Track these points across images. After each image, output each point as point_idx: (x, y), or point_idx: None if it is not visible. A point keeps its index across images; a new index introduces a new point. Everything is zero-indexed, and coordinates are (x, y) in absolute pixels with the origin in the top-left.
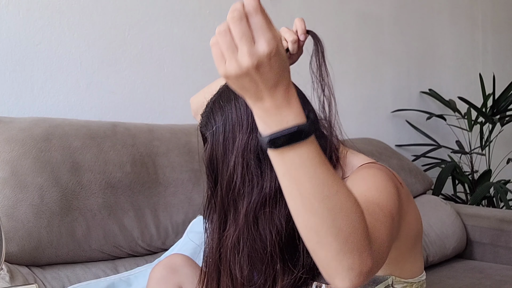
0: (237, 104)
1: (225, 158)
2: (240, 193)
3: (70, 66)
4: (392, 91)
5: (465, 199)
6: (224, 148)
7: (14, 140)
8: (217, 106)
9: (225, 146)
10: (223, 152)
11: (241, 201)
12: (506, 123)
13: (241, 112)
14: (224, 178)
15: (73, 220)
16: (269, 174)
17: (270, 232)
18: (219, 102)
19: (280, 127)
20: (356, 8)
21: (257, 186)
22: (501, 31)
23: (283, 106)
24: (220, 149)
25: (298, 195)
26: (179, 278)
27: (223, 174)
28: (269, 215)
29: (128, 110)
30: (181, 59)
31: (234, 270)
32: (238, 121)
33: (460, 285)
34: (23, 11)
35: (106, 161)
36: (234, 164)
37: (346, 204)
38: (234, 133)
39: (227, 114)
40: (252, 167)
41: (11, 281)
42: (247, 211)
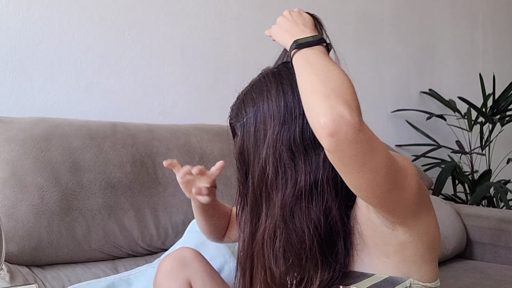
0: (269, 95)
1: (256, 150)
2: (273, 185)
3: (70, 66)
4: (392, 91)
5: (465, 199)
6: (255, 140)
7: (14, 140)
8: (248, 97)
9: (256, 137)
10: (254, 143)
11: (275, 194)
12: (506, 123)
13: (272, 103)
14: (256, 170)
15: (73, 220)
16: (303, 167)
17: (307, 226)
18: (251, 94)
19: (303, 36)
20: (356, 8)
21: (291, 179)
22: (501, 31)
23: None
24: (251, 141)
25: (310, 73)
26: (188, 271)
27: (254, 166)
28: (306, 209)
29: (128, 110)
30: (181, 59)
31: (270, 264)
32: (270, 113)
33: (460, 285)
34: (23, 11)
35: (106, 161)
36: (266, 155)
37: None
38: (265, 125)
39: (259, 105)
40: (284, 159)
41: (11, 281)
42: (283, 204)
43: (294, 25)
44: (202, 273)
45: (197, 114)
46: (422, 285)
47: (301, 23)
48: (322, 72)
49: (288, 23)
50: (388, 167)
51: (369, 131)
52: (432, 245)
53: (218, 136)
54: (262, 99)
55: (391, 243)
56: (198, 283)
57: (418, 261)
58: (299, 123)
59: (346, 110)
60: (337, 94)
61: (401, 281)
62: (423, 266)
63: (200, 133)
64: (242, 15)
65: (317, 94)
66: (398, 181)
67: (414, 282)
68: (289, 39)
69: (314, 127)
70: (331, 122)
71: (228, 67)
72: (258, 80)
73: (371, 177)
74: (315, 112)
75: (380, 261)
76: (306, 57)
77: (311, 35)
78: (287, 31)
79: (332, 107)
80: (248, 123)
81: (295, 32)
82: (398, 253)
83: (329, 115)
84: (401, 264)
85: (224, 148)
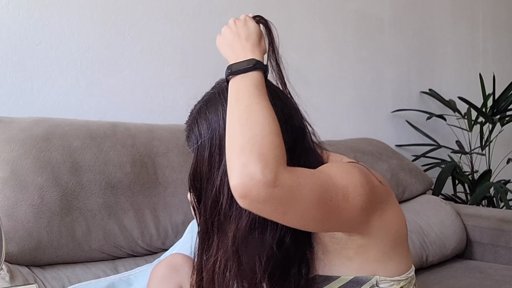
0: (225, 117)
1: (210, 176)
2: (227, 216)
3: (70, 66)
4: (392, 91)
5: (465, 199)
6: (209, 165)
7: (14, 140)
8: (202, 116)
9: (211, 162)
10: (208, 169)
11: (227, 225)
12: (506, 123)
13: None
14: (209, 198)
15: (73, 220)
16: None
17: (259, 257)
18: (205, 113)
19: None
20: (356, 8)
21: (245, 210)
22: (501, 31)
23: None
24: (205, 166)
25: (234, 113)
26: (180, 277)
27: (207, 193)
28: (259, 240)
29: (128, 110)
30: (181, 59)
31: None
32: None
33: (460, 285)
34: (23, 11)
35: (106, 161)
36: (220, 183)
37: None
38: (221, 150)
39: (214, 127)
40: None
41: (11, 281)
42: (236, 236)
43: (236, 39)
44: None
45: None
46: (390, 279)
47: (244, 36)
48: (244, 116)
49: (231, 36)
50: (317, 202)
51: (290, 179)
52: (396, 240)
53: None
54: (217, 120)
55: (350, 247)
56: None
57: (383, 259)
58: None
59: (259, 169)
60: (253, 146)
61: (367, 279)
62: (389, 263)
63: None
64: (242, 15)
65: (234, 144)
66: (333, 208)
67: (381, 279)
68: (230, 57)
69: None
70: (241, 185)
71: None
72: (213, 96)
73: (299, 219)
74: (229, 168)
75: (344, 264)
76: (237, 88)
77: (246, 59)
78: (229, 46)
79: (243, 166)
80: (202, 146)
81: (236, 49)
82: (360, 255)
83: (239, 178)
84: (365, 265)
85: None
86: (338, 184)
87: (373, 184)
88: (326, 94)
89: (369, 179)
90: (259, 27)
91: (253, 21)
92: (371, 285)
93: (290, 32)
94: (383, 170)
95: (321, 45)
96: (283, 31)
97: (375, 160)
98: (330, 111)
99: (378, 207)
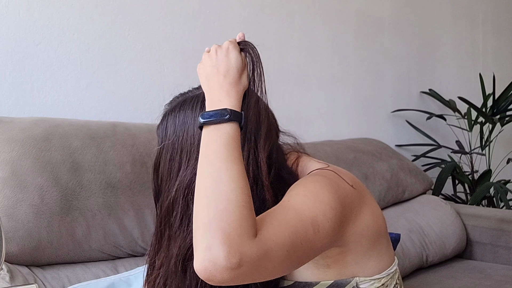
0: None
1: (168, 180)
2: (175, 231)
3: (70, 66)
4: (392, 91)
5: (465, 199)
6: (169, 169)
7: (14, 140)
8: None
9: (171, 167)
10: (168, 173)
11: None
12: (506, 123)
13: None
14: (164, 202)
15: (73, 220)
16: None
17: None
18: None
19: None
20: (356, 8)
21: (190, 232)
22: (501, 31)
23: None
24: (166, 169)
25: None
26: None
27: (163, 196)
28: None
29: (128, 110)
30: (181, 59)
31: None
32: (186, 149)
33: (460, 285)
34: (23, 11)
35: (106, 161)
36: (175, 195)
37: (229, 189)
38: (181, 159)
39: (179, 135)
40: (190, 209)
41: (11, 281)
42: (178, 257)
43: (215, 73)
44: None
45: None
46: (370, 279)
47: (223, 72)
48: (210, 186)
49: (209, 69)
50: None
51: (257, 250)
52: (374, 239)
53: None
54: (182, 129)
55: (328, 256)
56: None
57: (361, 261)
58: None
59: (222, 253)
60: (217, 225)
61: (346, 282)
62: (368, 263)
63: None
64: (242, 15)
65: (199, 219)
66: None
67: (361, 280)
68: (206, 92)
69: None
70: (203, 271)
71: None
72: (190, 100)
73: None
74: (194, 246)
75: (322, 271)
76: (208, 141)
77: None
78: (207, 79)
79: (207, 250)
80: (166, 148)
81: (212, 86)
82: (338, 262)
83: (202, 263)
84: (344, 269)
85: None
86: (306, 220)
87: (344, 196)
88: (326, 94)
89: (339, 192)
90: (241, 58)
91: (236, 51)
92: (352, 287)
93: (290, 32)
94: (383, 170)
95: (321, 45)
96: (283, 31)
97: (375, 160)
98: (330, 111)
99: (351, 217)
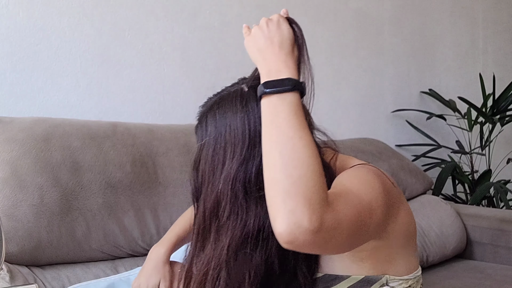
0: (232, 123)
1: (212, 176)
2: (225, 223)
3: (70, 66)
4: (392, 91)
5: (465, 199)
6: (212, 165)
7: (14, 140)
8: (212, 114)
9: (214, 163)
10: (211, 168)
11: (224, 233)
12: (506, 123)
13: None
14: (209, 198)
15: (73, 220)
16: (253, 210)
17: (248, 273)
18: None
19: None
20: (356, 8)
21: (241, 221)
22: (501, 31)
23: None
24: (208, 164)
25: (274, 145)
26: None
27: (208, 192)
28: (249, 255)
29: (128, 110)
30: (181, 59)
31: None
32: (231, 142)
33: (460, 285)
34: (23, 11)
35: (106, 161)
36: (222, 188)
37: (306, 156)
38: (225, 152)
39: (220, 130)
40: (240, 199)
41: (11, 281)
42: (229, 246)
43: (269, 45)
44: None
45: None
46: (399, 278)
47: (277, 43)
48: (286, 151)
49: (262, 40)
50: (353, 232)
51: (332, 219)
52: (407, 240)
53: None
54: (224, 123)
55: (363, 250)
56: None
57: (393, 259)
58: (256, 163)
59: (306, 216)
60: (298, 190)
61: (377, 279)
62: (399, 262)
63: None
64: (242, 15)
65: (277, 186)
66: (364, 229)
67: (391, 278)
68: (261, 66)
69: (272, 227)
70: (288, 234)
71: (228, 67)
72: (227, 96)
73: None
74: (273, 212)
75: (355, 264)
76: (274, 111)
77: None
78: (260, 51)
79: (290, 213)
80: (207, 144)
81: (267, 57)
82: (372, 256)
83: (286, 225)
84: (376, 265)
85: None
86: (364, 203)
87: (389, 189)
88: (326, 94)
89: (385, 185)
90: (292, 32)
91: (286, 24)
92: (381, 284)
93: None
94: (383, 170)
95: (321, 45)
96: None
97: (375, 160)
98: (330, 111)
99: (393, 212)
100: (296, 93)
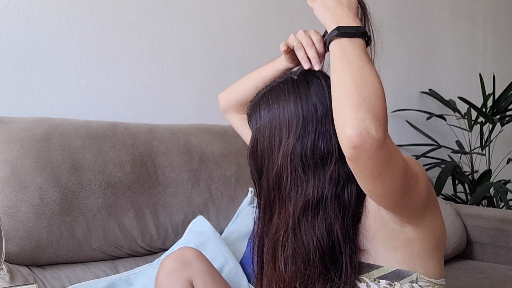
0: (286, 105)
1: (271, 154)
2: (287, 194)
3: (70, 66)
4: (392, 91)
5: (465, 199)
6: (270, 145)
7: (14, 140)
8: (265, 100)
9: (271, 142)
10: (269, 147)
11: (288, 202)
12: (506, 123)
13: (289, 113)
14: (271, 175)
15: (73, 220)
16: (312, 181)
17: (312, 240)
18: (268, 98)
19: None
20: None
21: (301, 191)
22: (501, 31)
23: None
24: (265, 144)
25: (345, 71)
26: (190, 271)
27: (269, 170)
28: (311, 223)
29: (128, 110)
30: (181, 59)
31: (280, 267)
32: (285, 122)
33: (460, 285)
34: (23, 11)
35: (106, 161)
36: (282, 164)
37: (375, 80)
38: (281, 132)
39: (274, 112)
40: (299, 171)
41: (11, 281)
42: (293, 214)
43: (339, 6)
44: (204, 273)
45: (197, 114)
46: (428, 280)
47: (346, 5)
48: (357, 75)
49: (333, 2)
50: (403, 176)
51: (391, 144)
52: (438, 243)
53: (218, 136)
54: (278, 107)
55: (399, 238)
56: (199, 283)
57: (424, 257)
58: (311, 138)
59: (374, 126)
60: (368, 105)
61: (407, 274)
62: (429, 262)
63: (200, 133)
64: (242, 15)
65: (348, 100)
66: (410, 187)
67: (420, 276)
68: (330, 20)
69: (339, 136)
70: (357, 136)
71: (228, 67)
72: (278, 85)
73: (386, 185)
74: (343, 120)
75: (388, 254)
76: (344, 49)
77: (355, 25)
78: (330, 10)
79: (360, 121)
80: (262, 127)
81: (338, 14)
82: (405, 248)
83: (356, 129)
84: (408, 259)
85: (224, 148)
86: (412, 169)
87: (430, 184)
88: None
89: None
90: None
91: None
92: (411, 280)
93: (290, 32)
94: None
95: None
96: (283, 31)
97: None
98: None
99: (432, 204)
100: (363, 40)
